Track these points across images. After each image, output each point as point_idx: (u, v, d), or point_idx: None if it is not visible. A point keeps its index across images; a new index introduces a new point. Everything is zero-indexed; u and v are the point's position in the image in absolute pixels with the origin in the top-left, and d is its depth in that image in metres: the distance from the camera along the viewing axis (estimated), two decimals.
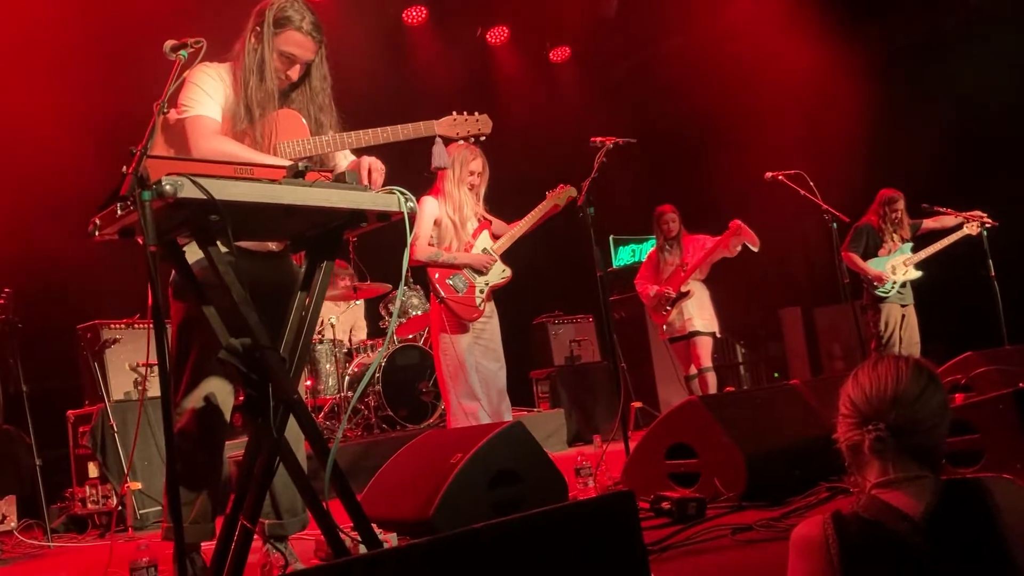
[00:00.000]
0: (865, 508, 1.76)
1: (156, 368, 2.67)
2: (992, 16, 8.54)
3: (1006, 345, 6.15)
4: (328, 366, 6.93)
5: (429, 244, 4.75)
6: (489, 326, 4.86)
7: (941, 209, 6.89)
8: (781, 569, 1.84)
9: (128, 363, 5.60)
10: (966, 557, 1.66)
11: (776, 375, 10.29)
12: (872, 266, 6.79)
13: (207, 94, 2.87)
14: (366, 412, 6.74)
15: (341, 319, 7.41)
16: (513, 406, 5.21)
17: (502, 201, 5.11)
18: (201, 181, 2.30)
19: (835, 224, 6.20)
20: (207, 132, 2.82)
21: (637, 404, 7.32)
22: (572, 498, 3.64)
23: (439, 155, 3.17)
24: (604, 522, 1.62)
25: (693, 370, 6.80)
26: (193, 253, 2.61)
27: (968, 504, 1.70)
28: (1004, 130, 8.30)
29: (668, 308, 6.74)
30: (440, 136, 3.10)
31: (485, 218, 4.90)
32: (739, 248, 6.39)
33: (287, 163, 2.78)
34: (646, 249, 9.10)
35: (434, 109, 3.27)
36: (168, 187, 2.24)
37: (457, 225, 4.75)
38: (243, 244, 2.78)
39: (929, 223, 6.89)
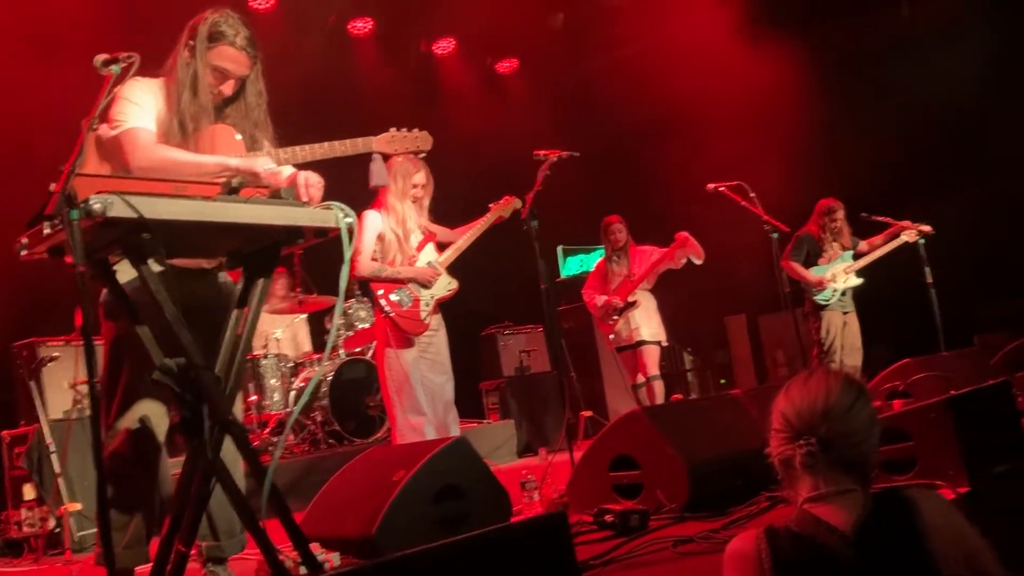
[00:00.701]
0: (797, 522, 1.78)
1: None
2: (929, 27, 8.77)
3: (943, 351, 6.29)
4: (274, 381, 6.84)
5: (372, 259, 4.72)
6: (436, 339, 4.83)
7: (880, 218, 7.04)
8: None
9: (66, 381, 5.46)
10: (894, 568, 1.69)
11: (723, 382, 10.41)
12: (813, 273, 6.91)
13: (140, 107, 2.82)
14: (312, 427, 6.67)
15: (285, 332, 7.33)
16: (463, 418, 5.19)
17: (448, 213, 5.10)
18: (131, 199, 2.25)
19: (775, 234, 6.29)
20: (145, 143, 2.77)
21: (587, 413, 7.36)
22: (517, 511, 3.64)
23: (377, 173, 3.15)
24: (538, 543, 1.62)
25: (640, 379, 6.85)
26: (125, 272, 2.56)
27: (895, 517, 1.73)
28: (942, 140, 8.51)
29: (616, 318, 6.78)
30: (378, 153, 3.08)
31: (429, 230, 4.88)
32: (684, 260, 6.47)
33: (235, 161, 2.74)
34: (594, 259, 9.16)
35: (380, 121, 3.25)
36: (97, 206, 2.20)
37: (401, 239, 4.72)
38: (174, 261, 2.73)
39: (863, 246, 7.04)
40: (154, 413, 2.80)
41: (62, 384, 5.43)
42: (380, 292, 4.68)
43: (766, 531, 1.77)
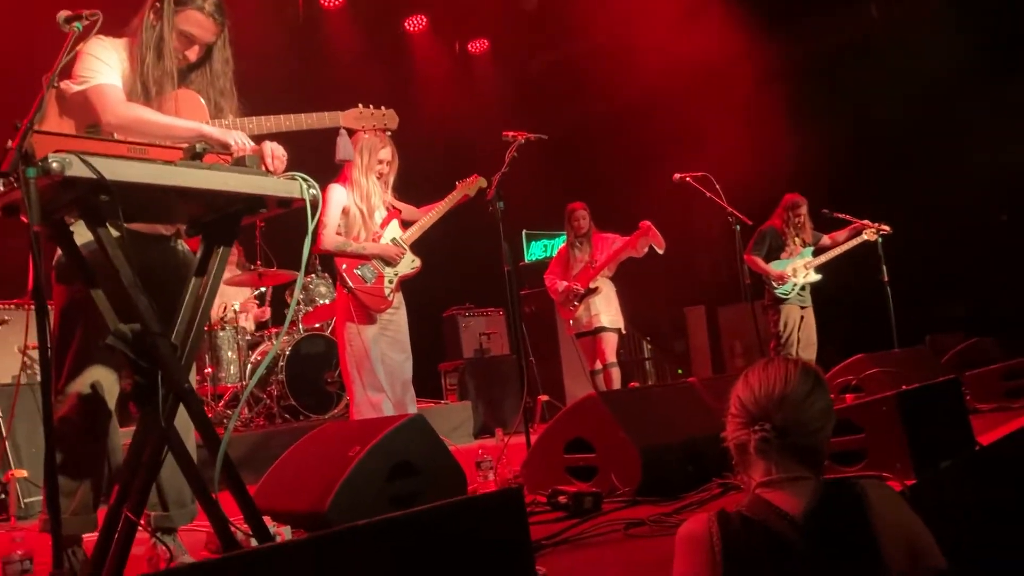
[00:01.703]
0: (748, 507, 1.81)
1: None
2: (894, 28, 8.88)
3: (896, 348, 6.40)
4: (230, 353, 6.77)
5: (337, 233, 4.68)
6: (396, 317, 4.82)
7: (841, 215, 7.14)
8: (669, 563, 1.87)
9: (16, 346, 5.36)
10: (841, 554, 1.72)
11: (680, 371, 10.51)
12: (774, 267, 6.99)
13: (107, 64, 2.76)
14: (268, 401, 6.61)
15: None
16: (421, 398, 5.17)
17: (414, 189, 5.08)
18: (91, 160, 2.21)
19: (738, 226, 6.36)
20: (118, 99, 2.71)
21: (544, 397, 7.38)
22: (472, 491, 3.64)
23: (344, 147, 3.14)
24: (492, 518, 1.62)
25: (598, 365, 6.89)
26: (81, 235, 2.51)
27: (845, 505, 1.76)
28: (903, 140, 8.64)
29: (576, 304, 6.81)
30: (345, 128, 3.06)
31: (394, 207, 4.85)
32: (646, 249, 6.51)
33: (211, 130, 2.69)
34: (558, 244, 9.19)
35: (349, 95, 3.23)
36: (55, 164, 2.15)
37: (365, 214, 4.68)
38: (132, 226, 2.68)
39: (826, 241, 7.14)
40: (105, 379, 2.76)
41: (12, 348, 5.34)
42: (343, 267, 4.64)
43: (718, 515, 1.79)
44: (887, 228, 7.02)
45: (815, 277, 7.07)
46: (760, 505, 1.79)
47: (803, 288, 7.07)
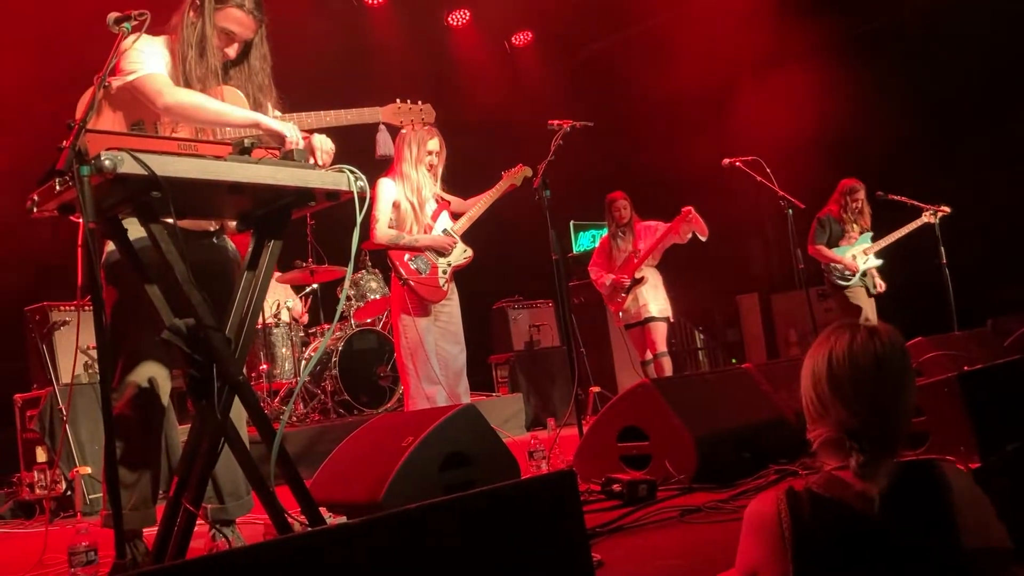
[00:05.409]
0: (819, 484, 1.75)
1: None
2: (952, 5, 8.65)
3: (955, 331, 6.24)
4: (284, 350, 6.85)
5: (389, 227, 4.70)
6: (449, 308, 4.84)
7: (896, 197, 6.97)
8: (727, 549, 1.84)
9: (79, 345, 5.47)
10: (919, 533, 1.66)
11: (734, 360, 10.37)
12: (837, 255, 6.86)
13: (153, 56, 2.78)
14: (323, 396, 6.69)
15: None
16: (472, 391, 5.18)
17: (461, 182, 5.08)
18: (143, 156, 2.24)
19: (791, 210, 6.23)
20: (166, 85, 2.71)
21: (595, 389, 7.34)
22: None
23: (384, 143, 3.17)
24: (545, 501, 1.61)
25: (649, 355, 6.82)
26: (133, 232, 2.55)
27: (922, 483, 1.70)
28: (962, 120, 8.42)
29: (623, 295, 6.74)
30: (384, 123, 3.08)
31: (443, 199, 4.86)
32: (689, 235, 6.40)
33: (268, 120, 2.70)
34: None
35: (392, 90, 3.24)
36: (107, 162, 2.19)
37: (416, 207, 4.70)
38: (180, 223, 2.70)
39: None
40: (158, 374, 2.80)
41: (73, 348, 5.45)
42: (398, 259, 4.67)
43: (787, 492, 1.73)
44: (946, 209, 6.84)
45: (876, 262, 6.91)
46: (832, 482, 1.74)
47: (864, 274, 6.93)
